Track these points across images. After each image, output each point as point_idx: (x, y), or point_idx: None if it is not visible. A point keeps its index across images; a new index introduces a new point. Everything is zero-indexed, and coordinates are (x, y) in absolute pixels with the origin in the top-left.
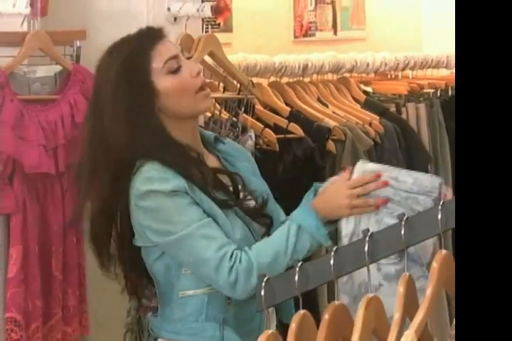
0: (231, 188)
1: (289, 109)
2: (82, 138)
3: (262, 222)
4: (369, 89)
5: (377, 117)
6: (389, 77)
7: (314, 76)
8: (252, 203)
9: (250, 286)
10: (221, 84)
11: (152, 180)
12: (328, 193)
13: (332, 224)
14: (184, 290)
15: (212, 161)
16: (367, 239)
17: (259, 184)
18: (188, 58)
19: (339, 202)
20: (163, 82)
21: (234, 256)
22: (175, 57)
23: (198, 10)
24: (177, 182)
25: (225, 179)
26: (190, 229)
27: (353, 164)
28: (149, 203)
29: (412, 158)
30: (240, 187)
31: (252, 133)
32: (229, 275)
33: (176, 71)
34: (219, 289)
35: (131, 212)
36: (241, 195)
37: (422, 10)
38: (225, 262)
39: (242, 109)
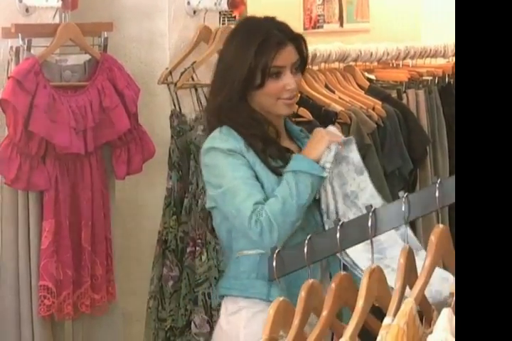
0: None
1: (299, 94)
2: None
3: None
4: (372, 76)
5: (380, 102)
6: (391, 65)
7: (322, 64)
8: None
9: (274, 235)
10: None
11: (215, 139)
12: (311, 141)
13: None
14: (240, 250)
15: (287, 143)
16: (370, 214)
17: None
18: (295, 70)
19: (321, 140)
20: (260, 77)
21: (258, 210)
22: (287, 66)
23: (215, 4)
24: (235, 143)
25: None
26: (235, 182)
27: (358, 144)
28: (209, 159)
29: (412, 140)
30: None
31: None
32: (256, 227)
33: (276, 77)
34: (253, 239)
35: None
36: None
37: (420, 4)
38: (253, 216)
39: None
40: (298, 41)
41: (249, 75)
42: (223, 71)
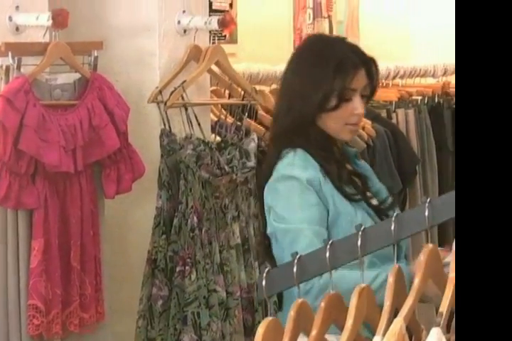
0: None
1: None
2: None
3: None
4: None
5: (370, 122)
6: (380, 85)
7: None
8: (375, 201)
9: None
10: (226, 91)
11: (293, 166)
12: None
13: None
14: None
15: (348, 166)
16: (360, 233)
17: (382, 189)
18: (363, 96)
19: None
20: (335, 100)
21: None
22: (358, 89)
23: (205, 23)
24: (314, 172)
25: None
26: (301, 225)
27: None
28: (284, 188)
29: (402, 159)
30: (366, 187)
31: (254, 137)
32: (305, 284)
33: (347, 100)
34: None
35: (265, 194)
36: (368, 194)
37: (411, 24)
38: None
39: (246, 114)
40: (369, 64)
41: (326, 97)
42: (294, 92)
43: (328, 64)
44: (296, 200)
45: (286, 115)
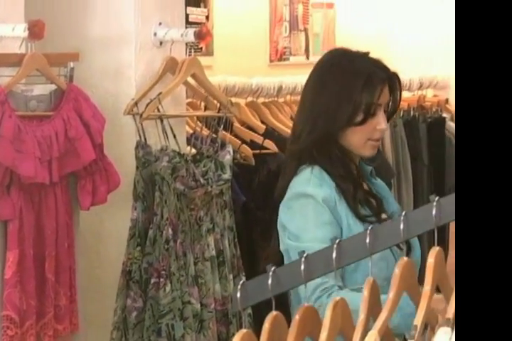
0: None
1: (264, 126)
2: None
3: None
4: None
5: None
6: None
7: (288, 97)
8: None
9: None
10: (202, 103)
11: (308, 183)
12: None
13: None
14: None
15: (364, 184)
16: (335, 246)
17: (399, 211)
18: (385, 111)
19: None
20: (362, 115)
21: (326, 289)
22: (383, 104)
23: (182, 35)
24: (328, 190)
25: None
26: (313, 245)
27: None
28: (298, 206)
29: (377, 172)
30: (381, 208)
31: (230, 149)
32: (313, 302)
33: (373, 115)
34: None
35: (279, 211)
36: (383, 215)
37: (387, 37)
38: (317, 290)
39: (222, 126)
40: (392, 80)
41: (354, 111)
42: (320, 106)
43: (357, 78)
44: (310, 219)
45: (311, 131)
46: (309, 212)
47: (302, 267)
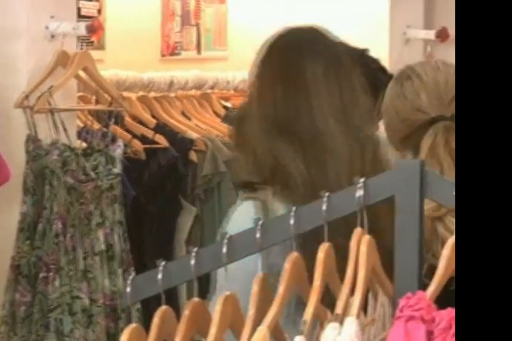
0: None
1: (155, 121)
2: None
3: None
4: (229, 104)
5: None
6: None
7: (179, 91)
8: None
9: None
10: (94, 97)
11: None
12: None
13: None
14: None
15: None
16: (225, 241)
17: None
18: None
19: None
20: None
21: None
22: None
23: (73, 28)
24: None
25: None
26: None
27: (213, 171)
28: None
29: None
30: None
31: (121, 143)
32: None
33: None
34: None
35: None
36: None
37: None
38: None
39: (112, 120)
40: None
41: None
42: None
43: None
44: None
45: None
46: None
47: (192, 262)
